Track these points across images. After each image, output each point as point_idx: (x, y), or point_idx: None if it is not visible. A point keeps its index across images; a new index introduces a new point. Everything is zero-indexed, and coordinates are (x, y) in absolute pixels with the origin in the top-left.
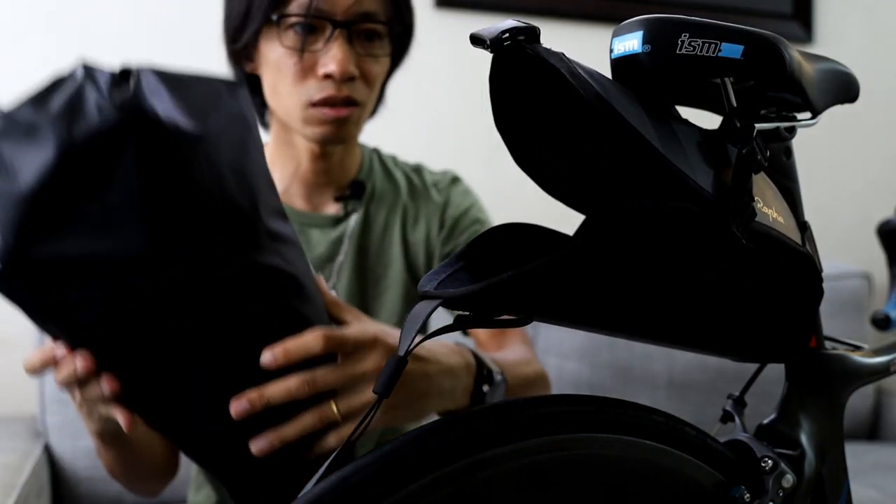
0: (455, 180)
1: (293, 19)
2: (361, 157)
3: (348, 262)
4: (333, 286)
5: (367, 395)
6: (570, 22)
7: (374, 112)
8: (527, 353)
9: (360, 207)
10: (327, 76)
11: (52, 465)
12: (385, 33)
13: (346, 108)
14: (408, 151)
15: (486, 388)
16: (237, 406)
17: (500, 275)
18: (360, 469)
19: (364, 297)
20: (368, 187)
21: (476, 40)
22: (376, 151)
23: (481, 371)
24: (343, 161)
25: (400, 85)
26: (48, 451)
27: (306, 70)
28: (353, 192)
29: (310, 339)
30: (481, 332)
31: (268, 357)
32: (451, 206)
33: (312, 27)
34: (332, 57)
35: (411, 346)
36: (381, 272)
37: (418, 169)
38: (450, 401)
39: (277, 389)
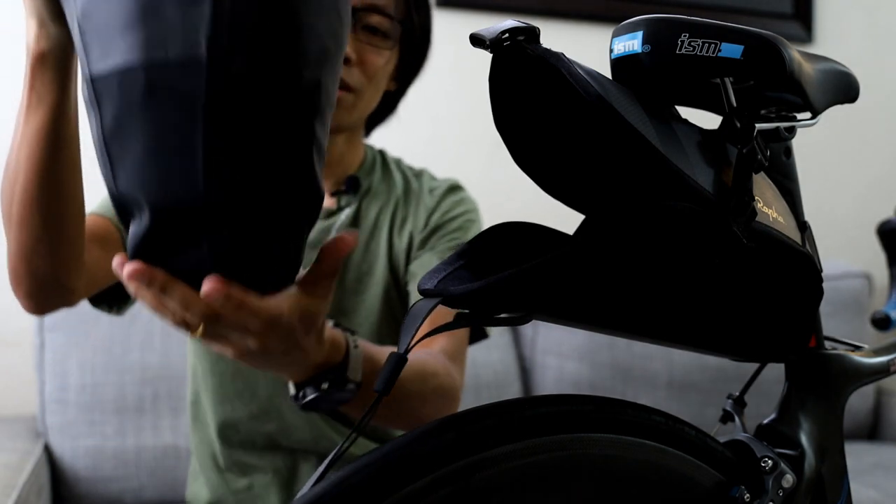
0: (453, 188)
1: None
2: (364, 155)
3: None
4: None
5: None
6: (570, 22)
7: (381, 119)
8: (439, 363)
9: (354, 203)
10: None
11: (52, 465)
12: (392, 30)
13: (339, 90)
14: (408, 151)
15: (325, 384)
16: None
17: (499, 273)
18: (360, 469)
19: (343, 291)
20: (364, 185)
21: (476, 40)
22: (381, 153)
23: (336, 371)
24: (343, 156)
25: None
26: (48, 451)
27: None
28: (348, 187)
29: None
30: None
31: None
32: (438, 210)
33: None
34: None
35: (410, 344)
36: (364, 269)
37: (420, 174)
38: (282, 368)
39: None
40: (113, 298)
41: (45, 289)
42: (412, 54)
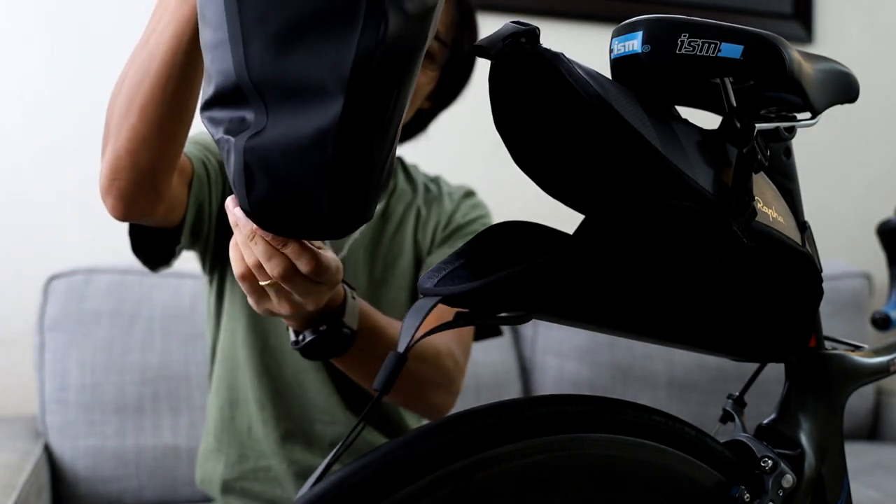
0: (469, 193)
1: None
2: None
3: (362, 242)
4: (343, 259)
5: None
6: (570, 22)
7: (410, 135)
8: (443, 343)
9: (383, 199)
10: None
11: (52, 465)
12: (439, 53)
13: None
14: (408, 151)
15: (322, 327)
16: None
17: (499, 273)
18: (360, 469)
19: (371, 278)
20: (391, 184)
21: (480, 51)
22: (400, 159)
23: (334, 315)
24: None
25: None
26: (48, 451)
27: None
28: None
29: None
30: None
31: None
32: (459, 212)
33: None
34: None
35: (411, 343)
36: (390, 261)
37: (436, 179)
38: (293, 318)
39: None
40: (152, 253)
41: (140, 187)
42: (454, 78)
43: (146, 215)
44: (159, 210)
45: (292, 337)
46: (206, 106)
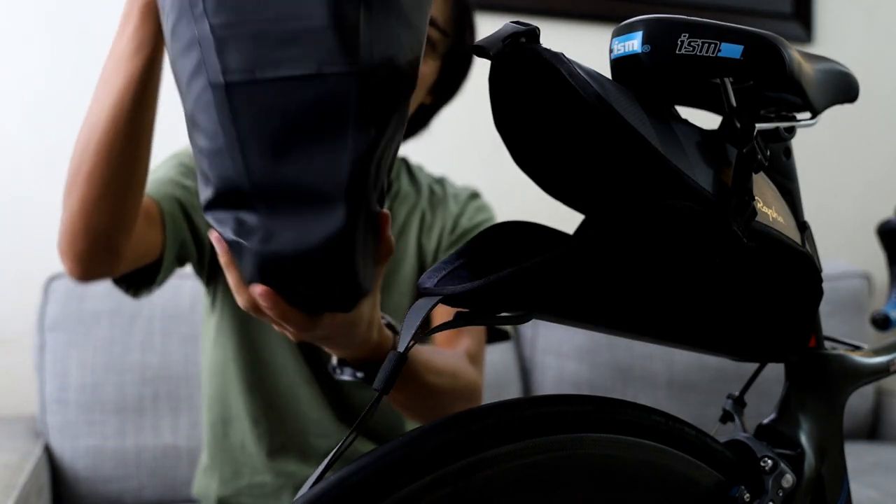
0: (474, 195)
1: None
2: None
3: None
4: None
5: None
6: (570, 22)
7: (412, 131)
8: (464, 363)
9: (385, 203)
10: None
11: (52, 465)
12: (440, 42)
13: None
14: (407, 151)
15: (359, 374)
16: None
17: (499, 272)
18: (360, 469)
19: None
20: (394, 187)
21: (480, 51)
22: (404, 160)
23: (373, 367)
24: None
25: None
26: (48, 451)
27: None
28: None
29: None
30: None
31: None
32: (465, 216)
33: None
34: None
35: (411, 343)
36: (392, 266)
37: (441, 180)
38: (333, 350)
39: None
40: (133, 281)
41: (96, 250)
42: (454, 71)
43: (105, 276)
44: (118, 270)
45: (334, 362)
46: (209, 206)
